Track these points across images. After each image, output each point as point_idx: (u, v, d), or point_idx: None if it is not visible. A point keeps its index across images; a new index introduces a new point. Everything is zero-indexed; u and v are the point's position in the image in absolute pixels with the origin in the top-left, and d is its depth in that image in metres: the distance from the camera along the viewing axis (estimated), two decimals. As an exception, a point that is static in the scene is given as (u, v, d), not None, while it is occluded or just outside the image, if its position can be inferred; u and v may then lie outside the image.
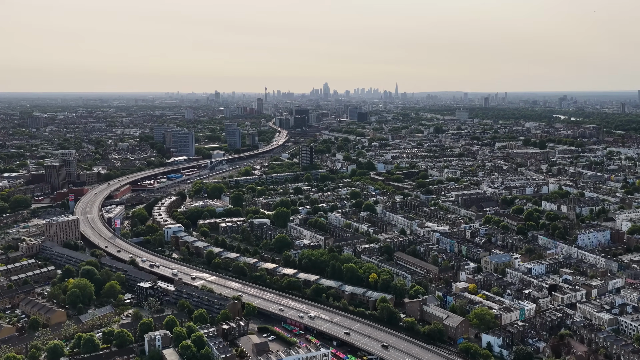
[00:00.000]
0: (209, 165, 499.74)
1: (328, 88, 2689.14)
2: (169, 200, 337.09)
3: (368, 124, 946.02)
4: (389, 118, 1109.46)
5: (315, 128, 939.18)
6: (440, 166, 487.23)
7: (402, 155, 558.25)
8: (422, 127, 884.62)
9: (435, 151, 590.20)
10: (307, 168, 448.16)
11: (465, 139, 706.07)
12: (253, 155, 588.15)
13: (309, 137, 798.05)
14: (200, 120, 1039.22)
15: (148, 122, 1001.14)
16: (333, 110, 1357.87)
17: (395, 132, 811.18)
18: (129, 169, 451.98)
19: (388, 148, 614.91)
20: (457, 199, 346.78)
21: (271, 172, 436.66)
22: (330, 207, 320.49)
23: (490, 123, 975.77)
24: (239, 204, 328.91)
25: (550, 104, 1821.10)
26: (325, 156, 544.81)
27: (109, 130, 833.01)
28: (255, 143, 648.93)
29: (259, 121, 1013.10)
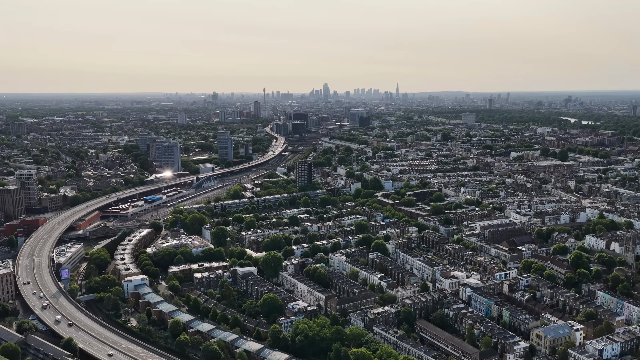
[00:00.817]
0: (194, 183, 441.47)
1: (328, 89, 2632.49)
2: (139, 234, 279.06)
3: (370, 130, 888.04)
4: (392, 122, 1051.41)
5: (314, 134, 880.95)
6: (455, 183, 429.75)
7: (410, 168, 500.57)
8: (428, 132, 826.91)
9: (446, 163, 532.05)
10: (304, 188, 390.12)
11: (476, 148, 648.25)
12: (246, 169, 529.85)
13: (307, 145, 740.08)
14: (193, 125, 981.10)
15: (139, 127, 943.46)
16: (333, 114, 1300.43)
17: (400, 139, 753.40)
18: (102, 189, 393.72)
19: (394, 160, 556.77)
20: (483, 232, 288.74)
21: (264, 194, 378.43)
22: (332, 245, 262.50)
23: (499, 128, 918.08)
24: (222, 241, 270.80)
25: (556, 105, 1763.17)
26: (325, 170, 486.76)
27: (95, 138, 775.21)
28: (249, 154, 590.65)
29: (255, 126, 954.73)
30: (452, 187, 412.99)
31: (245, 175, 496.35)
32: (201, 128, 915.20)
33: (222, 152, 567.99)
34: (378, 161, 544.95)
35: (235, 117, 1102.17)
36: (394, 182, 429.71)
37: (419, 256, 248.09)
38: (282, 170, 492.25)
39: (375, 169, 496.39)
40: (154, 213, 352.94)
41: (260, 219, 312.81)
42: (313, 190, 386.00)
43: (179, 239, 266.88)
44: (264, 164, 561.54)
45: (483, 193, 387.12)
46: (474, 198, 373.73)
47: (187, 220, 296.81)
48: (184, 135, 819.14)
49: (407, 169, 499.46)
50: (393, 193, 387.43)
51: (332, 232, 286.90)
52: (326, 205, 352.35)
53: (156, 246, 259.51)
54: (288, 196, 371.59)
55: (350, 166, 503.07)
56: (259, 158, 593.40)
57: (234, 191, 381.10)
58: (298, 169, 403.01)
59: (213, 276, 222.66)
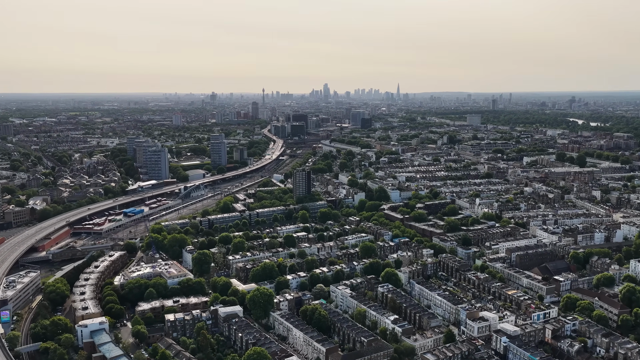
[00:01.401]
0: (182, 192, 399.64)
1: (328, 89, 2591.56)
2: (108, 259, 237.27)
3: (373, 132, 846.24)
4: (394, 124, 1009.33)
5: (314, 136, 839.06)
6: (468, 193, 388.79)
7: (418, 175, 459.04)
8: (433, 135, 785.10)
9: (455, 169, 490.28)
10: (302, 199, 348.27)
11: (486, 152, 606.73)
12: (240, 176, 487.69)
13: (307, 148, 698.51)
14: (189, 127, 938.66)
15: (132, 129, 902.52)
16: (334, 114, 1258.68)
17: (404, 141, 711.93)
18: (77, 200, 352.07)
19: (400, 165, 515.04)
20: (509, 256, 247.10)
21: (257, 206, 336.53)
22: (333, 273, 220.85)
23: (507, 130, 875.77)
24: (205, 268, 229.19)
25: (560, 105, 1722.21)
26: (325, 178, 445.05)
27: (83, 140, 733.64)
28: (244, 159, 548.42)
29: (252, 128, 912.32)
30: (465, 198, 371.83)
31: (238, 183, 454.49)
32: (196, 130, 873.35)
33: (215, 156, 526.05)
34: (382, 167, 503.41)
35: (232, 118, 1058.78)
36: (401, 192, 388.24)
37: (437, 289, 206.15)
38: (279, 178, 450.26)
39: (380, 176, 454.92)
40: (133, 229, 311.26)
41: (252, 238, 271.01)
42: (312, 202, 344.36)
43: (153, 266, 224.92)
44: (259, 170, 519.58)
45: (501, 205, 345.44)
46: (492, 211, 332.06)
47: (165, 241, 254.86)
48: (178, 137, 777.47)
49: (414, 175, 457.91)
50: (401, 205, 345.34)
51: (333, 256, 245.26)
52: (327, 221, 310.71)
53: (126, 275, 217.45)
54: (284, 209, 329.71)
55: (353, 173, 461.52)
56: (255, 163, 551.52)
57: (223, 203, 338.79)
58: (296, 178, 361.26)
59: (189, 318, 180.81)
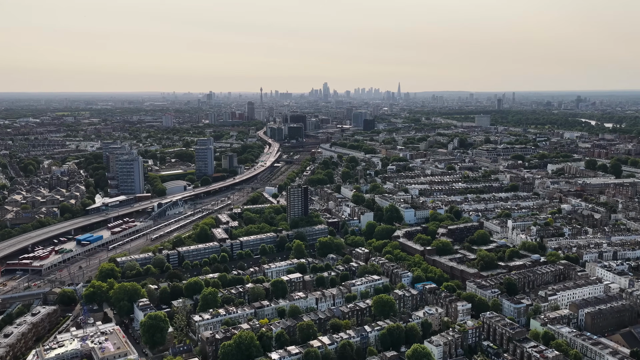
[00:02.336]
0: (155, 210, 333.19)
1: (328, 88, 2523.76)
2: (30, 319, 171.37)
3: (376, 134, 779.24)
4: (399, 125, 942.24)
5: (313, 139, 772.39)
6: (495, 210, 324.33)
7: (432, 187, 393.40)
8: (442, 137, 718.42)
9: (474, 180, 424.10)
10: (298, 223, 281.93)
11: (504, 158, 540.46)
12: (227, 188, 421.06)
13: (305, 152, 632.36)
14: (179, 128, 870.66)
15: (119, 130, 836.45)
16: (334, 114, 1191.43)
17: (411, 145, 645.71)
18: (22, 223, 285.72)
19: (410, 174, 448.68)
20: (575, 314, 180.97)
21: (241, 232, 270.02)
22: (338, 348, 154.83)
23: (519, 132, 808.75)
24: (159, 338, 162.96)
25: (567, 105, 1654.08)
26: (326, 191, 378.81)
27: (62, 144, 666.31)
28: (233, 166, 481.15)
29: (247, 130, 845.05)
30: (494, 219, 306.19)
31: (225, 197, 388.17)
32: (186, 132, 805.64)
33: (201, 164, 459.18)
34: (390, 176, 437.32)
35: (226, 119, 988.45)
36: (416, 211, 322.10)
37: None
38: (271, 191, 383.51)
39: (389, 188, 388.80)
40: (86, 263, 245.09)
41: (230, 283, 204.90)
42: (309, 226, 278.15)
43: (83, 339, 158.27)
44: (251, 180, 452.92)
45: (540, 230, 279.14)
46: (531, 239, 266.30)
47: (111, 292, 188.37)
48: (165, 140, 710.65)
49: (427, 188, 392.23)
50: (418, 230, 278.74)
51: (337, 314, 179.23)
52: (328, 254, 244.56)
53: (40, 354, 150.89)
54: (275, 237, 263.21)
55: (358, 185, 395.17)
56: (246, 171, 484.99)
57: (201, 229, 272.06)
58: (290, 196, 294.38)
59: None
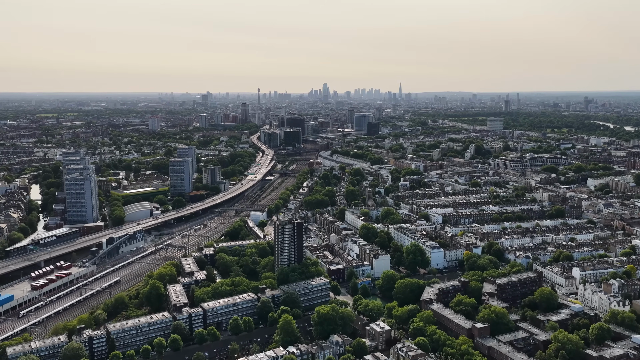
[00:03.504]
0: (104, 248, 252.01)
1: (328, 88, 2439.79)
2: None
3: (381, 139, 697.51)
4: (405, 129, 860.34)
5: (312, 145, 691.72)
6: (544, 247, 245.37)
7: (458, 212, 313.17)
8: (455, 143, 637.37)
9: (507, 200, 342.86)
10: (288, 276, 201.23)
11: (533, 169, 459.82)
12: (205, 211, 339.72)
13: (302, 161, 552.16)
14: (166, 132, 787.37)
15: (100, 134, 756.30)
16: (334, 117, 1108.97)
17: (421, 153, 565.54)
18: None
19: (427, 192, 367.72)
20: None
21: (208, 293, 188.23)
22: None
23: (539, 137, 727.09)
24: None
25: (575, 106, 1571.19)
26: (326, 218, 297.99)
27: (29, 151, 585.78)
28: (216, 182, 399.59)
29: (240, 134, 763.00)
30: (552, 265, 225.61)
31: (199, 226, 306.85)
32: (173, 137, 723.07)
33: (176, 180, 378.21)
34: (404, 195, 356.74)
35: (218, 122, 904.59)
36: (445, 250, 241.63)
37: None
38: (258, 218, 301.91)
39: (405, 214, 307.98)
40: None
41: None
42: (304, 280, 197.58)
43: None
44: (236, 200, 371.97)
45: (624, 286, 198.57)
46: (616, 302, 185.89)
47: None
48: (147, 146, 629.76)
49: (453, 213, 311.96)
50: (456, 288, 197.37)
51: None
52: (330, 334, 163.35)
53: None
54: (254, 301, 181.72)
55: (366, 209, 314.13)
56: (232, 186, 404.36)
57: (150, 288, 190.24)
58: (279, 234, 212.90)
59: None
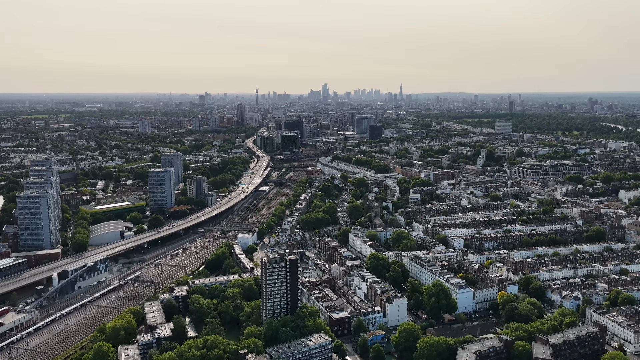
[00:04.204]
0: (54, 285, 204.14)
1: (327, 89, 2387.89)
2: None
3: (385, 143, 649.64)
4: (409, 131, 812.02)
5: (311, 149, 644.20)
6: (594, 284, 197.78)
7: (481, 234, 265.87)
8: (464, 148, 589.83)
9: (535, 218, 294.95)
10: (278, 333, 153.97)
11: (555, 179, 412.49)
12: (186, 231, 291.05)
13: (300, 168, 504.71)
14: (156, 136, 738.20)
15: (86, 138, 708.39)
16: (335, 118, 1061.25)
17: (429, 159, 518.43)
18: None
19: (441, 207, 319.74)
20: None
21: (174, 357, 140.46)
22: None
23: (552, 141, 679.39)
24: None
25: (581, 108, 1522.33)
26: (327, 243, 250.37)
27: (6, 156, 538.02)
28: (202, 195, 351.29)
29: (235, 137, 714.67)
30: (611, 312, 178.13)
31: (177, 250, 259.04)
32: (163, 140, 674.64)
33: (156, 193, 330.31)
34: (416, 211, 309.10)
35: (212, 124, 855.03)
36: (475, 290, 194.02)
37: None
38: (246, 242, 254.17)
39: (419, 237, 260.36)
40: None
41: None
42: (298, 339, 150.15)
43: None
44: (223, 215, 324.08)
45: None
46: None
47: None
48: (134, 151, 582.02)
49: (474, 234, 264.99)
50: (498, 350, 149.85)
51: None
52: None
53: None
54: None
55: (373, 230, 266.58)
56: (221, 199, 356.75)
57: (95, 352, 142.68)
58: (267, 276, 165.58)
59: None
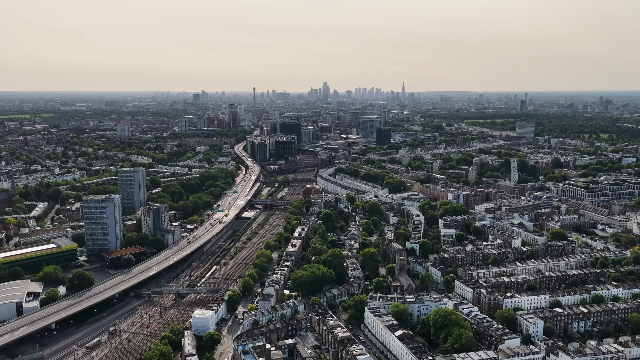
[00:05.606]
0: None
1: (328, 88, 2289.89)
2: None
3: (395, 150, 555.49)
4: (419, 134, 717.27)
5: (310, 157, 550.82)
6: None
7: (560, 299, 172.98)
8: (489, 157, 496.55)
9: (631, 274, 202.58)
10: None
11: (618, 201, 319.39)
12: (124, 294, 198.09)
13: (296, 183, 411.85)
14: (135, 140, 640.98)
15: (55, 142, 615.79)
16: (336, 119, 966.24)
17: (451, 171, 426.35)
18: None
19: (490, 254, 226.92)
20: None
21: None
22: None
23: (585, 147, 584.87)
24: None
25: (593, 107, 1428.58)
26: (330, 327, 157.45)
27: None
28: (160, 230, 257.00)
29: (224, 142, 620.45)
30: None
31: (97, 338, 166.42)
32: (139, 147, 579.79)
33: (96, 231, 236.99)
34: (455, 260, 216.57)
35: (200, 126, 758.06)
36: None
37: None
38: (205, 326, 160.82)
39: (476, 320, 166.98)
40: None
41: None
42: None
43: None
44: (186, 262, 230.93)
45: None
46: None
47: None
48: (103, 160, 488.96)
49: (556, 311, 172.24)
50: None
51: None
52: None
53: None
54: None
55: (401, 305, 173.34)
56: (188, 234, 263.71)
57: None
58: None
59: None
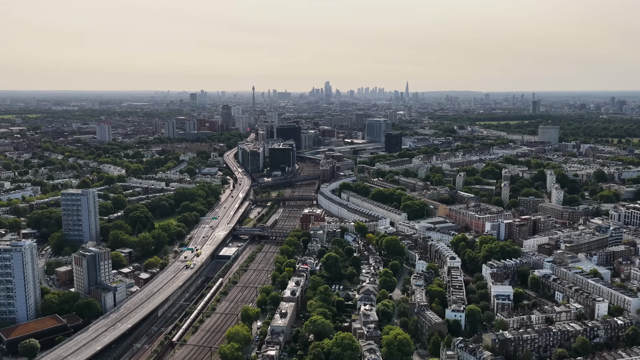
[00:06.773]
0: None
1: (330, 87, 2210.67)
2: None
3: (407, 159, 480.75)
4: (432, 139, 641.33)
5: (311, 166, 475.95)
6: None
7: None
8: (518, 167, 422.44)
9: None
10: None
11: None
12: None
13: (293, 202, 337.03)
14: (114, 146, 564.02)
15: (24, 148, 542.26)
16: (339, 121, 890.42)
17: (477, 186, 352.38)
18: None
19: (572, 332, 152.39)
20: None
21: None
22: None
23: (623, 154, 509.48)
24: None
25: (607, 108, 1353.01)
26: None
27: None
28: (97, 286, 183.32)
29: (211, 149, 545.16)
30: None
31: None
32: (117, 153, 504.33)
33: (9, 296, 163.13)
34: (521, 342, 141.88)
35: (189, 129, 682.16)
36: None
37: None
38: None
39: None
40: None
41: None
42: None
43: None
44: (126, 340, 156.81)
45: None
46: None
47: None
48: (68, 171, 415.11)
49: None
50: None
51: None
52: None
53: None
54: None
55: None
56: (139, 287, 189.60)
57: None
58: None
59: None
